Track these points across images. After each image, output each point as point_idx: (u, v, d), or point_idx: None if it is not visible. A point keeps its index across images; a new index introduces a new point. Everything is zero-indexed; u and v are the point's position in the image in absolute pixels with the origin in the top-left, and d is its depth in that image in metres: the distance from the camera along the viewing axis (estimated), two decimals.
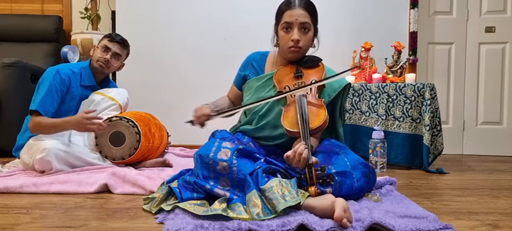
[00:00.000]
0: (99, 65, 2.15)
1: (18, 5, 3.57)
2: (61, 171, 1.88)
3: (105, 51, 2.16)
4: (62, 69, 2.07)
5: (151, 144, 2.17)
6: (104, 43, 2.17)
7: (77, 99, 2.12)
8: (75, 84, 2.10)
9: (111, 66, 2.19)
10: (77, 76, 2.12)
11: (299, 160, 1.31)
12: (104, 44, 2.17)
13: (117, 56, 2.20)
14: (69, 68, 2.11)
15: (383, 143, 2.32)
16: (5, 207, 1.40)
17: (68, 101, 2.08)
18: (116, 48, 2.18)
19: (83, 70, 2.15)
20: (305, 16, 1.60)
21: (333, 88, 1.66)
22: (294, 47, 1.61)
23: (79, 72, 2.13)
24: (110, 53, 2.16)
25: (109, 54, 2.15)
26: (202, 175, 1.38)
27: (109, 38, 2.20)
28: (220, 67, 3.10)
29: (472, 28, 3.25)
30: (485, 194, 1.71)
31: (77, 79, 2.12)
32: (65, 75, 2.05)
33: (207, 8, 3.19)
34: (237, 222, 1.14)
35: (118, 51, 2.19)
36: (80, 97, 2.13)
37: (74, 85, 2.10)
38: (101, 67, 2.15)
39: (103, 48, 2.16)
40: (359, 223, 1.13)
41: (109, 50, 2.16)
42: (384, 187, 1.60)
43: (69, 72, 2.08)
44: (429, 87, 2.39)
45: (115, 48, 2.17)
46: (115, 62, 2.20)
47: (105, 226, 1.19)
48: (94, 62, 2.16)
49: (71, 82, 2.08)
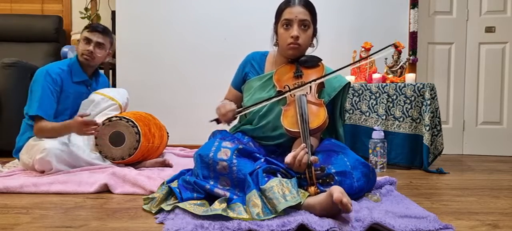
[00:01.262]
0: (85, 58, 2.12)
1: (18, 5, 3.57)
2: (61, 171, 1.88)
3: (87, 43, 2.12)
4: (51, 69, 2.06)
5: (151, 144, 2.17)
6: (85, 35, 2.13)
7: (72, 97, 2.11)
8: (67, 82, 2.10)
9: (96, 56, 2.14)
10: (67, 73, 2.11)
11: (299, 166, 1.31)
12: (85, 36, 2.13)
13: (100, 45, 2.14)
14: (58, 66, 2.10)
15: (383, 143, 2.32)
16: (5, 207, 1.40)
17: (63, 99, 2.08)
18: (97, 38, 2.12)
19: (72, 66, 2.13)
20: (304, 13, 1.62)
21: (333, 88, 1.66)
22: (294, 43, 1.62)
23: (68, 69, 2.12)
24: (93, 44, 2.11)
25: (91, 45, 2.11)
26: (202, 174, 1.38)
27: (89, 29, 2.15)
28: (220, 67, 3.10)
29: (472, 28, 3.25)
30: (485, 194, 1.71)
31: (68, 77, 2.11)
32: (56, 75, 2.05)
33: (207, 8, 3.19)
34: (237, 222, 1.14)
35: (100, 41, 2.13)
36: (75, 94, 2.13)
37: (66, 83, 2.09)
38: (87, 60, 2.12)
39: (84, 40, 2.12)
40: (359, 223, 1.13)
41: (91, 41, 2.12)
42: (384, 187, 1.60)
43: (58, 71, 2.07)
44: (429, 87, 2.39)
45: (96, 37, 2.12)
46: (100, 52, 2.15)
47: (105, 226, 1.19)
48: (80, 57, 2.13)
49: (63, 80, 2.08)
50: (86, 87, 2.19)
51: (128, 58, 3.17)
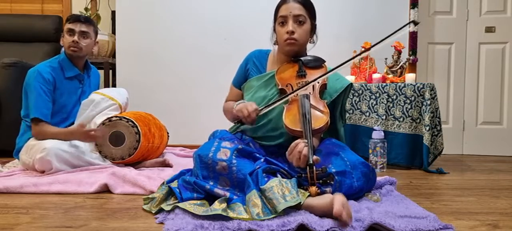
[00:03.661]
0: (71, 50, 2.10)
1: (18, 5, 3.57)
2: (61, 170, 1.88)
3: (71, 34, 2.10)
4: (41, 68, 2.05)
5: (151, 144, 2.17)
6: (68, 27, 2.11)
7: (66, 93, 2.11)
8: (59, 79, 2.09)
9: (82, 47, 2.11)
10: (58, 70, 2.10)
11: (299, 158, 1.31)
12: (67, 27, 2.11)
13: (84, 34, 2.11)
14: (48, 65, 2.09)
15: (383, 143, 2.32)
16: (5, 207, 1.40)
17: (58, 97, 2.08)
18: (80, 27, 2.10)
19: (62, 63, 2.12)
20: (299, 9, 1.63)
21: (335, 89, 1.66)
22: (290, 39, 1.62)
23: (59, 66, 2.11)
24: (77, 34, 2.09)
25: (76, 36, 2.09)
26: (202, 175, 1.38)
27: (70, 20, 2.12)
28: (220, 67, 3.11)
29: (472, 28, 3.25)
30: (485, 194, 1.71)
31: (60, 73, 2.10)
32: (47, 74, 2.04)
33: (207, 8, 3.19)
34: (237, 222, 1.14)
35: (83, 29, 2.11)
36: (68, 90, 2.13)
37: (59, 80, 2.09)
38: (74, 51, 2.10)
39: (68, 32, 2.11)
40: (359, 223, 1.13)
41: (74, 32, 2.10)
42: (384, 187, 1.60)
43: (49, 69, 2.07)
44: (429, 87, 2.39)
45: (78, 27, 2.10)
46: (84, 41, 2.12)
47: (105, 226, 1.19)
48: (67, 50, 2.12)
49: (55, 78, 2.07)
50: (78, 82, 2.18)
51: (128, 58, 3.16)
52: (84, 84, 2.21)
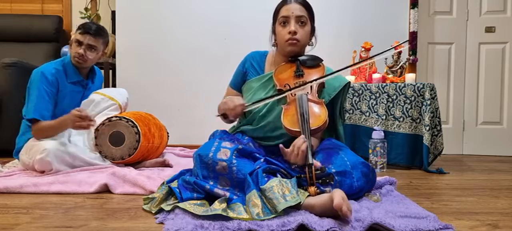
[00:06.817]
0: (76, 61, 2.06)
1: (18, 5, 3.57)
2: (61, 171, 1.88)
3: (78, 45, 2.05)
4: (46, 69, 2.03)
5: (151, 144, 2.17)
6: (76, 37, 2.05)
7: (68, 97, 2.10)
8: (62, 82, 2.08)
9: (88, 59, 2.06)
10: (62, 73, 2.08)
11: (297, 154, 1.31)
12: (76, 38, 2.05)
13: (91, 48, 2.06)
14: (53, 67, 2.07)
15: (383, 143, 2.32)
16: (5, 207, 1.40)
17: (60, 99, 2.07)
18: (88, 40, 2.04)
19: (66, 67, 2.10)
20: (301, 10, 1.63)
21: (334, 88, 1.66)
22: (292, 39, 1.62)
23: (63, 69, 2.09)
24: (83, 47, 2.04)
25: (82, 48, 2.04)
26: (202, 175, 1.38)
27: (80, 30, 2.06)
28: (220, 67, 3.10)
29: (472, 28, 3.25)
30: (485, 194, 1.71)
31: (64, 76, 2.09)
32: (51, 76, 2.02)
33: (207, 8, 3.19)
34: (237, 222, 1.14)
35: (91, 43, 2.04)
36: (71, 93, 2.12)
37: (62, 83, 2.08)
38: (78, 62, 2.07)
39: (76, 42, 2.06)
40: (359, 223, 1.13)
41: (82, 44, 2.04)
42: (384, 187, 1.60)
43: (54, 71, 2.05)
44: (429, 87, 2.39)
45: (86, 40, 2.04)
46: (91, 55, 2.06)
47: (105, 226, 1.19)
48: (72, 59, 2.09)
49: (59, 81, 2.06)
50: (82, 87, 2.18)
51: (128, 58, 3.16)
52: (88, 89, 2.20)
